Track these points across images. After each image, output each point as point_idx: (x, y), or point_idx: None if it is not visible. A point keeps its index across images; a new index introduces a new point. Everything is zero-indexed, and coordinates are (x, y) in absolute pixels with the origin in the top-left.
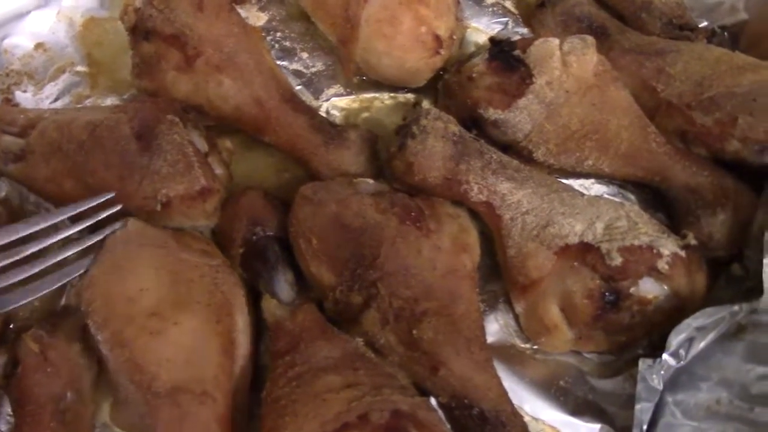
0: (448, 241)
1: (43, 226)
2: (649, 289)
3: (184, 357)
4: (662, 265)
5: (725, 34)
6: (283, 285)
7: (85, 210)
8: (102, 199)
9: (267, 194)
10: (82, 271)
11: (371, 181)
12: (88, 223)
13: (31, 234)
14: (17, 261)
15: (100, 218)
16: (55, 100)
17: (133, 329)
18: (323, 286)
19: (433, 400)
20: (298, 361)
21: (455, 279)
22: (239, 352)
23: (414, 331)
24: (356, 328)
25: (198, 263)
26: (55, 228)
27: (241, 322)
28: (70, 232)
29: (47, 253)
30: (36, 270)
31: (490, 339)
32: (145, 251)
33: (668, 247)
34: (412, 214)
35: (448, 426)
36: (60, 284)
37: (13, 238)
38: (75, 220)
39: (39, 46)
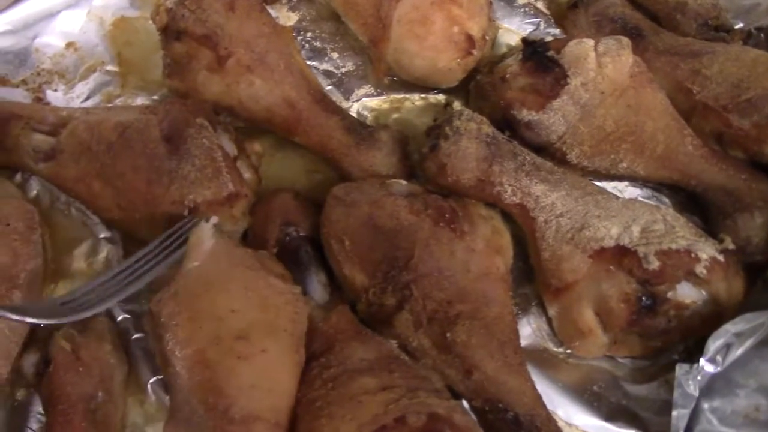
0: (482, 243)
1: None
2: (686, 293)
3: (267, 385)
4: (700, 269)
5: (762, 35)
6: (317, 286)
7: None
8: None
9: (299, 195)
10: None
11: (404, 182)
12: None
13: None
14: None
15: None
16: (86, 99)
17: (219, 350)
18: (356, 287)
19: (465, 404)
20: (333, 363)
21: (489, 281)
22: None
23: (447, 334)
24: (389, 331)
25: (284, 289)
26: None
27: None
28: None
29: None
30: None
31: (522, 342)
32: (237, 271)
33: (706, 251)
34: (446, 215)
35: (482, 431)
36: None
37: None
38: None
39: (70, 45)
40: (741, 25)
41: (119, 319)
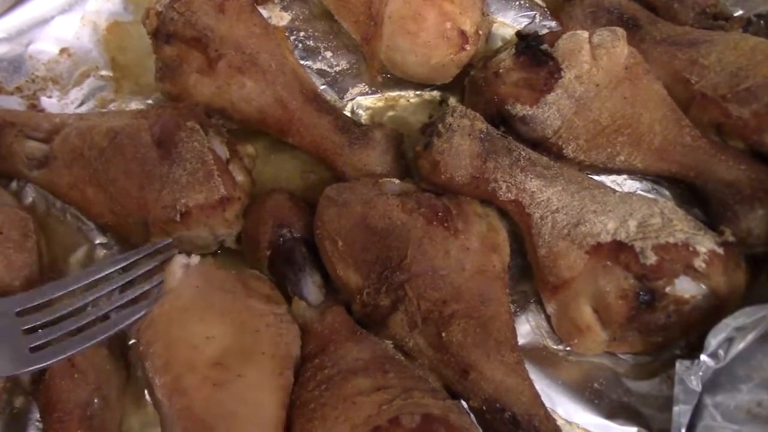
0: (477, 241)
1: (99, 275)
2: (685, 288)
3: (247, 412)
4: (699, 263)
5: (762, 22)
6: (311, 287)
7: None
8: (161, 244)
9: (293, 196)
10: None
11: (397, 181)
12: (144, 268)
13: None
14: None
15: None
16: (80, 104)
17: (194, 378)
18: (350, 288)
19: (464, 404)
20: (327, 364)
21: (485, 280)
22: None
23: (443, 334)
24: (384, 331)
25: (264, 311)
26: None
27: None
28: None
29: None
30: (87, 320)
31: (521, 340)
32: (214, 296)
33: (705, 244)
34: (439, 214)
35: (480, 430)
36: (110, 334)
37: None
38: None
39: (64, 51)
40: (740, 12)
41: None
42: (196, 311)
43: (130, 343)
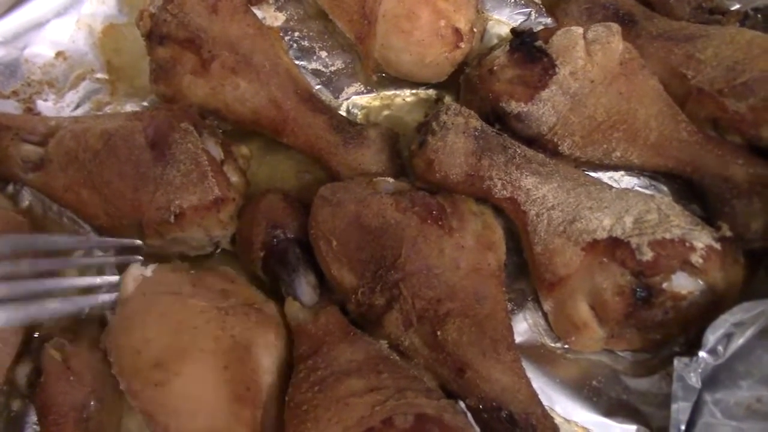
0: (472, 240)
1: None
2: (682, 284)
3: (188, 408)
4: (696, 258)
5: (759, 16)
6: (305, 288)
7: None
8: (129, 245)
9: (287, 196)
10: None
11: (391, 180)
12: (102, 261)
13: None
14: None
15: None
16: (76, 107)
17: (139, 381)
18: (345, 288)
19: (461, 403)
20: (321, 365)
21: (480, 278)
22: (261, 396)
23: (438, 333)
24: (379, 331)
25: (205, 308)
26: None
27: (267, 362)
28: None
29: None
30: (63, 285)
31: (519, 338)
32: (157, 300)
33: (702, 239)
34: (434, 212)
35: (477, 429)
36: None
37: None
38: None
39: (59, 54)
40: (737, 6)
41: None
42: (138, 317)
43: None
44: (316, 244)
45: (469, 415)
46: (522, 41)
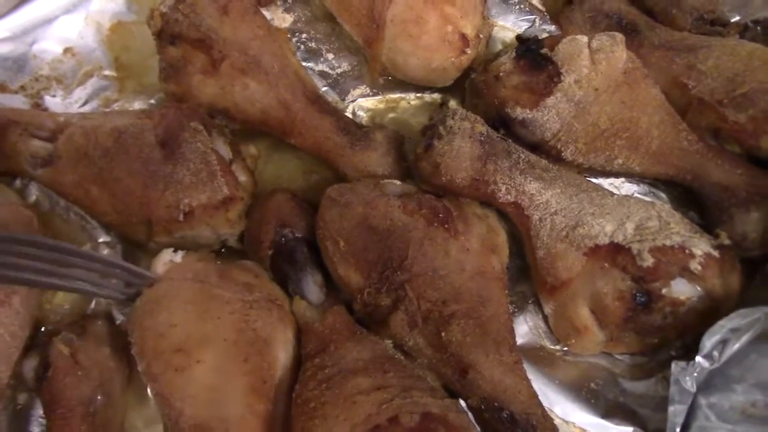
0: (477, 243)
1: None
2: (681, 290)
3: (206, 395)
4: (695, 265)
5: (758, 28)
6: (312, 287)
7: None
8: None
9: (295, 196)
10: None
11: (398, 182)
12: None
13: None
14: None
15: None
16: (84, 104)
17: (160, 364)
18: (351, 288)
19: (462, 403)
20: (328, 363)
21: (484, 280)
22: (277, 392)
23: (442, 334)
24: (384, 331)
25: (231, 299)
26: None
27: (283, 358)
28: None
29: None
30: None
31: (519, 340)
32: (184, 286)
33: (701, 247)
34: (440, 215)
35: (479, 429)
36: (91, 292)
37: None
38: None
39: (67, 50)
40: (737, 18)
41: (119, 321)
42: (164, 302)
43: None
44: (323, 244)
45: (470, 414)
46: (528, 48)
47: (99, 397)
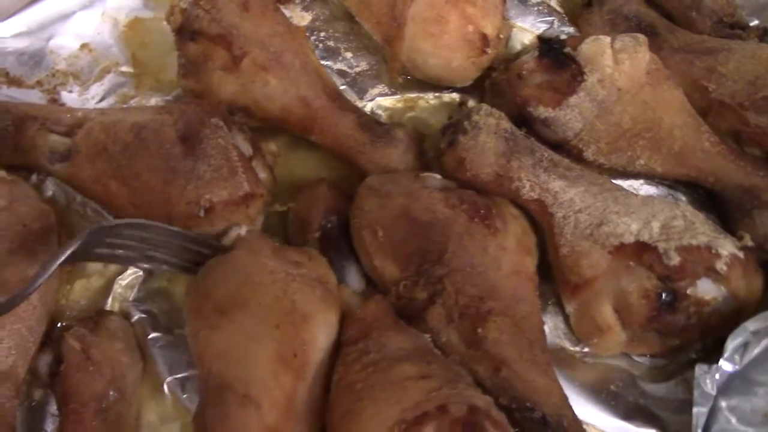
0: (514, 242)
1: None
2: (706, 290)
3: (235, 355)
4: (720, 265)
5: None
6: (354, 275)
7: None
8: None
9: (333, 186)
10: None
11: (438, 176)
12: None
13: None
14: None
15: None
16: (101, 100)
17: (199, 322)
18: (386, 280)
19: None
20: (372, 349)
21: (519, 280)
22: (308, 369)
23: (478, 330)
24: (418, 325)
25: (275, 269)
26: None
27: (324, 340)
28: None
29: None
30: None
31: None
32: (237, 255)
33: (727, 247)
34: (481, 211)
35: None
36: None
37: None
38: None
39: (84, 46)
40: (756, 22)
41: (135, 318)
42: (218, 266)
43: (150, 336)
44: (358, 234)
45: None
46: (551, 47)
47: (111, 393)
